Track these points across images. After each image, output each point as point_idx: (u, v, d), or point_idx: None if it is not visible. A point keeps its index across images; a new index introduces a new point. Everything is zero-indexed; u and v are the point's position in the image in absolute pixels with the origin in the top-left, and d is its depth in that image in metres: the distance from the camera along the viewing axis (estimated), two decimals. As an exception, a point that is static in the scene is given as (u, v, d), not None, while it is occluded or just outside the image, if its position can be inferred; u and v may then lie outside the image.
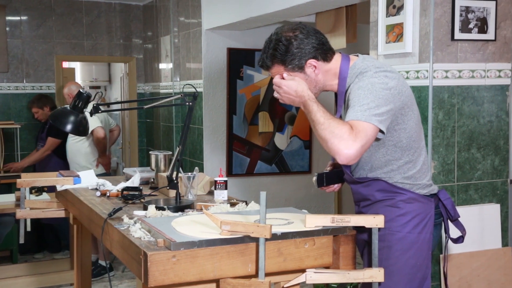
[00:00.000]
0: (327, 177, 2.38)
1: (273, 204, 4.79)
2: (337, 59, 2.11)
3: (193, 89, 2.62)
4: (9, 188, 5.39)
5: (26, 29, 6.39)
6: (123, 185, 2.85)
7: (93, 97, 2.71)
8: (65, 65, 7.68)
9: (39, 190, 3.76)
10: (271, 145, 5.64)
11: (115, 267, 5.18)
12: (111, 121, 5.53)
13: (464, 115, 3.03)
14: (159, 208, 2.35)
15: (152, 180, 3.08)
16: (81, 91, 2.64)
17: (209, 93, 5.37)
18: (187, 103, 2.54)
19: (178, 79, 5.95)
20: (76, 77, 8.63)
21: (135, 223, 2.12)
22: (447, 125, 2.99)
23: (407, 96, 2.03)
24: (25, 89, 6.41)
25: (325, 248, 1.99)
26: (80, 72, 9.39)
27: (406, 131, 2.05)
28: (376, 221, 1.94)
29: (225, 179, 2.75)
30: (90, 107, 2.66)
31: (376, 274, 1.95)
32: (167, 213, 2.33)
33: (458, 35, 2.97)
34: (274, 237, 1.86)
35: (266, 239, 1.81)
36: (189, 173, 2.75)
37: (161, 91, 6.37)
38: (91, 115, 2.67)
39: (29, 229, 3.56)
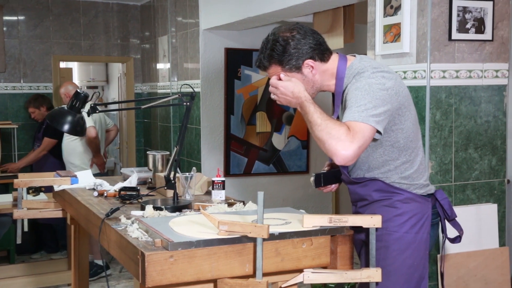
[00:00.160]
0: (325, 177, 2.38)
1: (271, 204, 4.77)
2: (334, 59, 2.11)
3: (191, 89, 2.62)
4: (6, 188, 5.38)
5: (23, 29, 6.38)
6: (120, 185, 2.85)
7: (90, 97, 2.71)
8: (63, 65, 7.67)
9: (36, 190, 3.75)
10: (268, 145, 5.64)
11: (113, 267, 5.18)
12: (108, 121, 5.53)
13: (461, 115, 3.03)
14: (156, 208, 2.35)
15: (149, 180, 3.08)
16: (78, 91, 2.64)
17: (206, 93, 5.37)
18: (185, 103, 2.54)
19: (175, 79, 5.95)
20: (73, 77, 8.62)
21: (132, 223, 2.11)
22: (445, 125, 2.99)
23: (404, 96, 2.03)
24: (22, 89, 6.40)
25: (323, 248, 1.99)
26: (77, 72, 9.38)
27: (403, 131, 2.05)
28: (373, 221, 1.94)
29: (223, 179, 2.75)
30: (87, 107, 2.66)
31: (373, 274, 1.95)
32: (165, 213, 2.33)
33: (455, 35, 2.97)
34: (271, 237, 1.86)
35: (263, 239, 1.81)
36: (187, 173, 2.75)
37: (159, 91, 6.36)
38: (88, 115, 2.67)
39: (26, 229, 3.56)
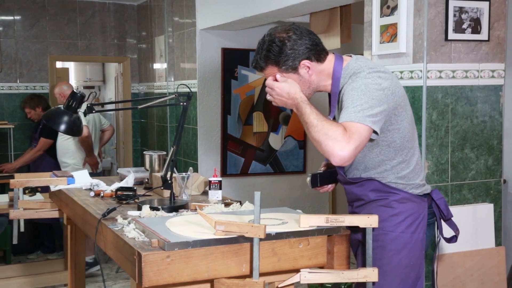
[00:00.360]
0: (321, 177, 2.38)
1: (268, 204, 4.79)
2: (331, 60, 2.11)
3: (188, 89, 2.62)
4: (3, 188, 5.37)
5: (19, 28, 6.37)
6: (117, 185, 2.85)
7: (87, 97, 2.71)
8: (59, 65, 7.65)
9: (32, 190, 3.74)
10: (265, 145, 5.64)
11: (109, 268, 5.17)
12: (104, 121, 5.51)
13: (457, 115, 3.04)
14: (153, 208, 2.35)
15: (146, 180, 3.07)
16: (75, 91, 2.63)
17: (203, 93, 5.37)
18: (182, 103, 2.54)
19: (172, 79, 5.94)
20: (70, 77, 8.60)
21: (129, 223, 2.11)
22: (441, 125, 3.00)
23: (400, 96, 2.04)
24: (18, 89, 6.38)
25: (320, 248, 1.99)
26: (74, 72, 9.36)
27: (399, 132, 2.05)
28: (370, 221, 1.95)
29: (220, 179, 2.75)
30: (84, 107, 2.66)
31: (370, 274, 1.96)
32: (161, 213, 2.33)
33: (451, 36, 2.98)
34: (268, 237, 1.86)
35: (260, 239, 1.81)
36: (184, 173, 2.75)
37: (156, 91, 6.36)
38: (85, 115, 2.67)
39: (22, 229, 3.55)
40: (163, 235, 1.86)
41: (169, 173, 2.54)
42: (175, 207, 2.42)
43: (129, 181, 2.94)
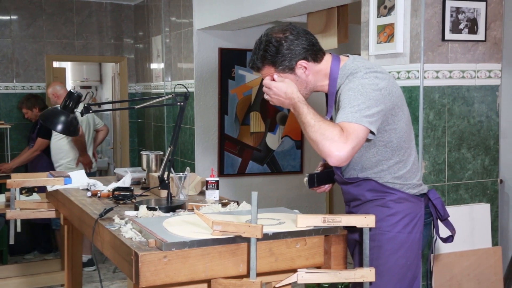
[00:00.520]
0: (318, 177, 2.38)
1: (265, 204, 4.79)
2: (328, 60, 2.11)
3: (185, 89, 2.62)
4: (-1, 188, 5.36)
5: (16, 28, 6.36)
6: (114, 185, 2.84)
7: (84, 97, 2.70)
8: (56, 65, 7.63)
9: (29, 190, 3.74)
10: (262, 145, 5.64)
11: (106, 268, 5.16)
12: (98, 121, 5.49)
13: (454, 115, 3.04)
14: (150, 208, 2.35)
15: (143, 180, 3.07)
16: (72, 91, 2.63)
17: (200, 93, 5.36)
18: (179, 103, 2.54)
19: (169, 79, 5.94)
20: (66, 77, 8.58)
21: (126, 223, 2.11)
22: (438, 125, 3.00)
23: (397, 96, 2.04)
24: (15, 89, 6.37)
25: (317, 248, 1.99)
26: (71, 72, 9.34)
27: (396, 132, 2.05)
28: (367, 221, 1.95)
29: (217, 179, 2.75)
30: (80, 107, 2.66)
31: (367, 273, 1.96)
32: (159, 213, 2.33)
33: (448, 36, 2.98)
34: (265, 237, 1.86)
35: (257, 239, 1.81)
36: (181, 173, 2.75)
37: (153, 91, 6.35)
38: (82, 115, 2.66)
39: (19, 229, 3.54)
40: (160, 235, 1.86)
41: (166, 173, 2.54)
42: (172, 207, 2.42)
43: (126, 181, 2.94)
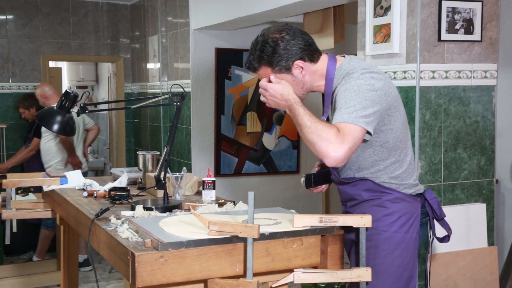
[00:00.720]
0: (315, 178, 2.39)
1: (261, 204, 4.78)
2: (324, 60, 2.11)
3: (181, 89, 2.62)
4: (-5, 188, 5.34)
5: (12, 28, 6.34)
6: (110, 185, 2.84)
7: (80, 97, 2.70)
8: (52, 64, 7.62)
9: (25, 190, 3.72)
10: (259, 145, 5.64)
11: (102, 268, 5.16)
12: (88, 120, 5.45)
13: (450, 115, 3.05)
14: (146, 208, 2.35)
15: (139, 180, 3.07)
16: (68, 90, 2.63)
17: (197, 93, 5.36)
18: (175, 103, 2.53)
19: (166, 79, 5.93)
20: (63, 77, 8.57)
21: (122, 223, 2.11)
22: (434, 125, 3.01)
23: (393, 97, 2.04)
24: (11, 89, 6.35)
25: (313, 248, 1.99)
26: (67, 71, 9.32)
27: (392, 132, 2.06)
28: (363, 221, 1.95)
29: (213, 179, 2.75)
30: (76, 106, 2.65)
31: (363, 273, 1.96)
32: (155, 213, 2.32)
33: (444, 36, 2.99)
34: (262, 237, 1.86)
35: (254, 239, 1.82)
36: (177, 173, 2.75)
37: (149, 91, 6.35)
38: (78, 115, 2.66)
39: (15, 230, 3.53)
40: (156, 235, 1.86)
41: (162, 173, 2.54)
42: (168, 207, 2.41)
43: (122, 181, 2.93)
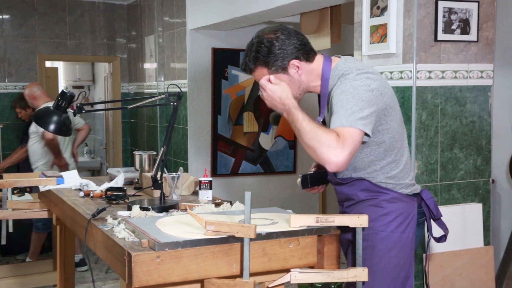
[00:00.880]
0: (312, 178, 2.39)
1: (258, 204, 4.78)
2: (319, 60, 2.12)
3: (178, 89, 2.62)
4: (-9, 188, 5.33)
5: (8, 28, 6.32)
6: (107, 185, 2.84)
7: (76, 97, 2.69)
8: (48, 64, 7.60)
9: (21, 190, 3.72)
10: (255, 145, 5.64)
11: (99, 268, 5.15)
12: (78, 120, 5.41)
13: (447, 115, 3.05)
14: (143, 208, 2.34)
15: (136, 180, 3.06)
16: (64, 90, 2.62)
17: (193, 93, 5.36)
18: (172, 103, 2.53)
19: (162, 79, 5.93)
20: (59, 76, 8.55)
21: (119, 223, 2.10)
22: (430, 125, 3.01)
23: (389, 97, 2.04)
24: (7, 89, 6.34)
25: (310, 248, 2.00)
26: (63, 71, 9.30)
27: (389, 132, 2.06)
28: (360, 221, 1.95)
29: (210, 179, 2.75)
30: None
31: (360, 273, 1.96)
32: (152, 213, 2.32)
33: (441, 36, 2.99)
34: (258, 237, 1.86)
35: (250, 239, 1.81)
36: (174, 173, 2.75)
37: (146, 91, 6.34)
38: (74, 115, 2.65)
39: (11, 230, 3.52)
40: (153, 235, 1.85)
41: (159, 173, 2.54)
42: (165, 207, 2.41)
43: (119, 181, 2.93)
